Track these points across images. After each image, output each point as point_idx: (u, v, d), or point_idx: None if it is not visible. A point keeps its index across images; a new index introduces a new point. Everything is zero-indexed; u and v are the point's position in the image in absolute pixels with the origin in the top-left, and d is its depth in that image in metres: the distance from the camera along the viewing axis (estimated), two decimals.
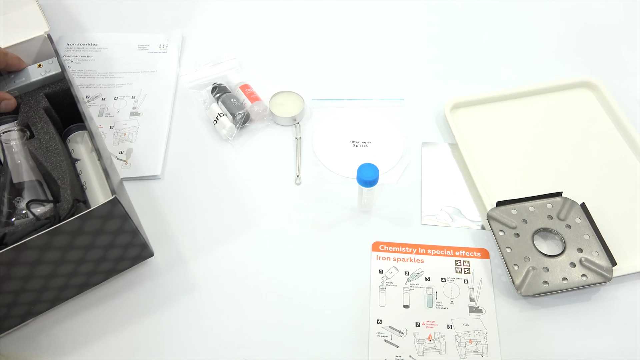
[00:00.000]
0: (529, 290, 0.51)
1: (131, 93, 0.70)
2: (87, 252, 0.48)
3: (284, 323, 0.52)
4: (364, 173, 0.52)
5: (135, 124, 0.67)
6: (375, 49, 0.76)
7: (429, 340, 0.51)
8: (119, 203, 0.46)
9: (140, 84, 0.71)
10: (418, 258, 0.56)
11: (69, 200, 0.50)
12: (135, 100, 0.69)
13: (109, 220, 0.47)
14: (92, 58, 0.74)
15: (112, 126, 0.67)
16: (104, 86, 0.71)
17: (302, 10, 0.81)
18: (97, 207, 0.45)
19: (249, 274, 0.55)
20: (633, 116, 0.66)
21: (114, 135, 0.66)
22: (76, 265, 0.49)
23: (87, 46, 0.75)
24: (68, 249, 0.47)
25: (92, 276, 0.52)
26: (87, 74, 0.72)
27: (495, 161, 0.63)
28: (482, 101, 0.68)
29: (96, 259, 0.50)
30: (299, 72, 0.73)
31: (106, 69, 0.73)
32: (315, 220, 0.59)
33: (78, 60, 0.74)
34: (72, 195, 0.51)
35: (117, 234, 0.49)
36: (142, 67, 0.73)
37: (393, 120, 0.67)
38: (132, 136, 0.66)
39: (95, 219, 0.46)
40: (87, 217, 0.45)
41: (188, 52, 0.75)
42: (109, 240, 0.49)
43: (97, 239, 0.48)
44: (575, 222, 0.55)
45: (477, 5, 0.81)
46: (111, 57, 0.74)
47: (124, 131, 0.66)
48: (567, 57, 0.74)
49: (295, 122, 0.67)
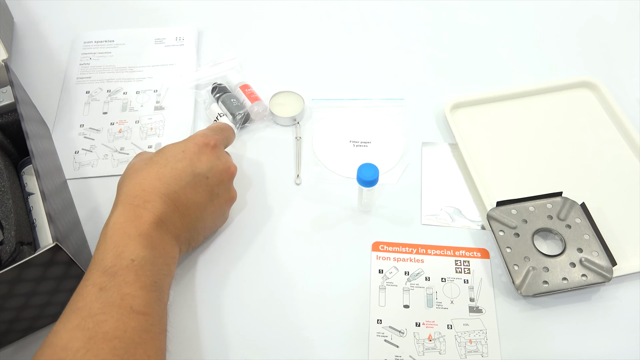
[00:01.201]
0: (529, 290, 0.51)
1: (153, 87, 0.71)
2: (29, 299, 0.46)
3: (284, 323, 0.52)
4: (364, 173, 0.52)
5: (161, 118, 0.68)
6: (375, 49, 0.76)
7: (429, 340, 0.51)
8: (61, 249, 0.43)
9: (161, 77, 0.72)
10: (418, 258, 0.56)
11: (12, 242, 0.47)
12: (158, 94, 0.70)
13: (50, 267, 0.44)
14: (110, 54, 0.75)
15: (137, 121, 0.67)
16: (124, 80, 0.72)
17: (302, 10, 0.81)
18: (37, 255, 0.42)
19: (248, 273, 0.55)
20: (633, 116, 0.66)
21: (141, 130, 0.66)
22: (18, 311, 0.46)
23: (104, 43, 0.76)
24: (7, 297, 0.44)
25: (37, 320, 0.50)
26: (107, 69, 0.73)
27: (495, 161, 0.63)
28: (482, 101, 0.68)
29: (41, 304, 0.47)
30: (299, 72, 0.73)
31: (125, 63, 0.73)
32: (315, 220, 0.59)
33: (96, 57, 0.74)
34: (16, 237, 0.47)
35: (62, 280, 0.46)
36: (160, 60, 0.74)
37: (393, 120, 0.68)
38: (159, 130, 0.66)
39: (35, 266, 0.43)
40: (25, 266, 0.42)
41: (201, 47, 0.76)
42: (52, 286, 0.46)
43: (40, 286, 0.45)
44: (575, 222, 0.55)
45: (477, 5, 0.81)
46: (129, 52, 0.75)
47: (150, 125, 0.67)
48: (567, 57, 0.74)
49: (295, 122, 0.67)
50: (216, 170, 0.52)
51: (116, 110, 0.68)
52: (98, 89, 0.71)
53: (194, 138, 0.53)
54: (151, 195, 0.47)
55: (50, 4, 0.82)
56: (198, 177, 0.50)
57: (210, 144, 0.52)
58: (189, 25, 0.78)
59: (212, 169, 0.51)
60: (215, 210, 0.54)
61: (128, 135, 0.66)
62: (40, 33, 0.78)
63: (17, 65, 0.74)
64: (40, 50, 0.76)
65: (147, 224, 0.45)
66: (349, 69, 0.73)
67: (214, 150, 0.53)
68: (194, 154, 0.51)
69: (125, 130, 0.67)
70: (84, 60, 0.74)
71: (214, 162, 0.52)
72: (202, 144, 0.52)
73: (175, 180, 0.49)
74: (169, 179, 0.48)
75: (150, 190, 0.47)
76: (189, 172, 0.50)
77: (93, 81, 0.72)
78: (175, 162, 0.50)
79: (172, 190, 0.48)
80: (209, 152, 0.52)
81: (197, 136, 0.53)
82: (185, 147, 0.51)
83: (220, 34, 0.78)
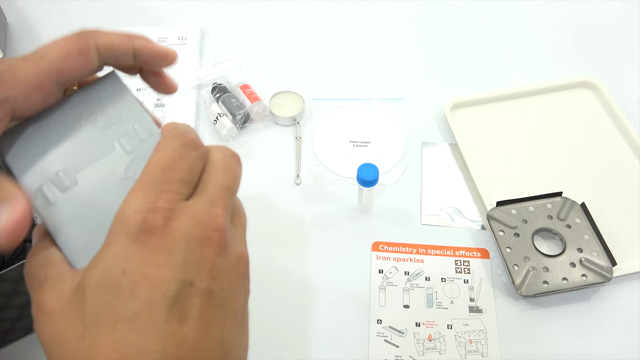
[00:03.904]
0: (529, 290, 0.51)
1: None
2: (1, 312, 0.45)
3: (284, 323, 0.52)
4: (364, 173, 0.52)
5: (161, 115, 0.68)
6: (375, 49, 0.76)
7: (429, 340, 0.51)
8: None
9: None
10: (418, 258, 0.56)
11: None
12: None
13: (22, 283, 0.43)
14: None
15: None
16: (126, 77, 0.71)
17: (302, 10, 0.81)
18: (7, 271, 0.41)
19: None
20: (633, 116, 0.66)
21: None
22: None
23: None
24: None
25: (8, 334, 0.49)
26: (108, 67, 0.72)
27: (495, 161, 0.63)
28: (482, 101, 0.68)
29: (13, 317, 0.47)
30: (299, 72, 0.73)
31: None
32: (315, 220, 0.59)
33: None
34: None
35: None
36: None
37: (393, 120, 0.67)
38: None
39: (6, 281, 0.43)
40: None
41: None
42: (24, 301, 0.46)
43: (12, 300, 0.45)
44: (575, 222, 0.55)
45: (477, 5, 0.81)
46: None
47: None
48: (567, 57, 0.74)
49: (295, 122, 0.67)
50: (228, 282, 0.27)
51: None
52: None
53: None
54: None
55: (49, 4, 0.81)
56: None
57: (215, 239, 0.26)
58: (192, 25, 0.77)
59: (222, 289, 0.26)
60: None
61: None
62: (35, 33, 0.78)
63: None
64: None
65: None
66: (349, 69, 0.73)
67: (222, 249, 0.26)
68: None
69: None
70: None
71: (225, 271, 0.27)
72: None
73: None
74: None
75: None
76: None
77: None
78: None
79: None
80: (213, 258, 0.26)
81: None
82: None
83: (220, 34, 0.78)
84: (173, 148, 0.26)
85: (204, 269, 0.25)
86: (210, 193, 0.26)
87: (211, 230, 0.25)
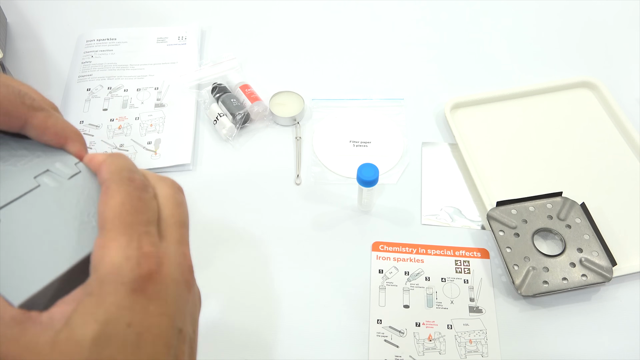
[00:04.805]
0: (529, 290, 0.51)
1: (154, 84, 0.71)
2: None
3: (284, 323, 0.52)
4: (364, 173, 0.52)
5: (161, 115, 0.68)
6: (375, 49, 0.76)
7: (429, 340, 0.51)
8: None
9: (162, 75, 0.72)
10: (418, 258, 0.56)
11: None
12: (159, 91, 0.70)
13: None
14: (112, 52, 0.75)
15: (137, 117, 0.68)
16: (126, 78, 0.72)
17: (302, 10, 0.81)
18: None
19: (248, 273, 0.55)
20: (633, 116, 0.66)
21: (140, 126, 0.67)
22: None
23: (106, 41, 0.76)
24: None
25: None
26: (108, 66, 0.73)
27: (495, 161, 0.63)
28: (482, 101, 0.68)
29: None
30: (299, 72, 0.73)
31: (127, 61, 0.74)
32: (315, 220, 0.59)
33: (98, 54, 0.74)
34: None
35: None
36: (162, 59, 0.74)
37: (393, 120, 0.67)
38: (159, 127, 0.67)
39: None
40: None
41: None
42: None
43: None
44: (575, 222, 0.55)
45: (477, 5, 0.81)
46: (131, 50, 0.75)
47: (150, 122, 0.67)
48: (567, 57, 0.74)
49: (295, 122, 0.67)
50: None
51: (116, 107, 0.68)
52: (99, 86, 0.71)
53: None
54: None
55: (48, 4, 0.81)
56: None
57: (190, 281, 0.26)
58: (192, 25, 0.77)
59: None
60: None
61: (128, 132, 0.66)
62: (35, 33, 0.78)
63: (13, 65, 0.73)
64: (37, 50, 0.76)
65: None
66: (349, 69, 0.73)
67: (192, 288, 0.27)
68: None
69: (125, 127, 0.67)
70: (85, 58, 0.74)
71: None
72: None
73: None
74: None
75: None
76: None
77: (94, 79, 0.72)
78: None
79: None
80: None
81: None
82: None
83: (220, 34, 0.78)
84: (127, 190, 0.25)
85: (188, 314, 0.25)
86: (175, 232, 0.26)
87: (188, 272, 0.25)
